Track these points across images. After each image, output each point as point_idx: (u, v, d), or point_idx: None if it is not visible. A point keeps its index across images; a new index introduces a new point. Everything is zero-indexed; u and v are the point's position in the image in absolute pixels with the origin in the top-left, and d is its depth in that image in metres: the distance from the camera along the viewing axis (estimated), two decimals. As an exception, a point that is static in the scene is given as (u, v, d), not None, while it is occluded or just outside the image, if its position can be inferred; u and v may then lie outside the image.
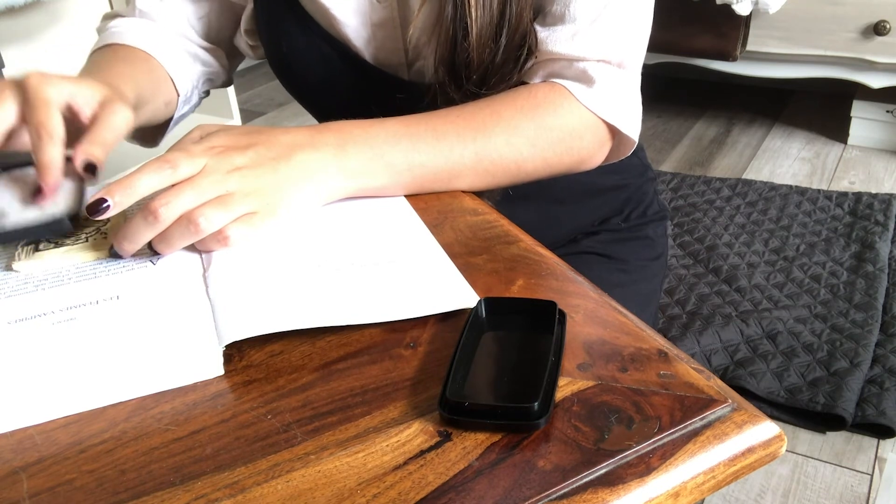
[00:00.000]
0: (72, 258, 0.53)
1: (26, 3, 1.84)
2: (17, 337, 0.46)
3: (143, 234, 0.51)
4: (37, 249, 0.54)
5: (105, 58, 0.72)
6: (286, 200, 0.54)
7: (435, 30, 0.64)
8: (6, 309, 0.48)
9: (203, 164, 0.51)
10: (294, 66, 0.74)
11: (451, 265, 0.50)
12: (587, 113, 0.63)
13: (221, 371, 0.43)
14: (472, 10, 0.60)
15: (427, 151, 0.58)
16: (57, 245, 0.54)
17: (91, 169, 0.53)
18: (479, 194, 0.62)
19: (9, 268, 0.53)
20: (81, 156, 0.53)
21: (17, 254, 0.53)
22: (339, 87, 0.74)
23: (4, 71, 1.49)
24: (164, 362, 0.43)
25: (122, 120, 0.56)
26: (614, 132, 0.66)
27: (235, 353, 0.45)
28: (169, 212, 0.50)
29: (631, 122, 0.65)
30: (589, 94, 0.63)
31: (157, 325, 0.46)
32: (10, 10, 1.87)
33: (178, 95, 0.77)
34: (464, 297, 0.47)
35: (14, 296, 0.50)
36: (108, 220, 0.57)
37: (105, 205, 0.50)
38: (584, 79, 0.63)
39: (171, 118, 0.78)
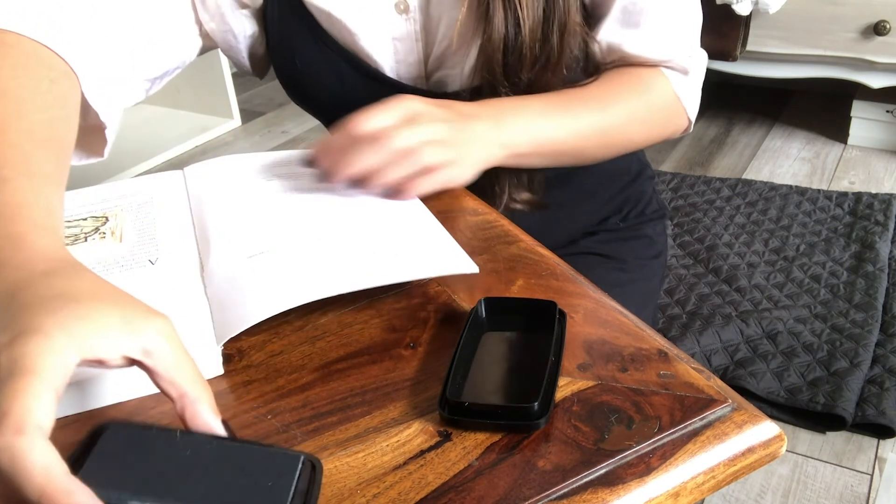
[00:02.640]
0: None
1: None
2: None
3: (367, 161, 0.55)
4: None
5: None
6: (473, 161, 0.59)
7: (476, 33, 0.65)
8: (6, 309, 0.48)
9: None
10: (308, 81, 0.73)
11: (447, 235, 0.52)
12: (677, 99, 0.72)
13: (221, 371, 0.43)
14: (523, 9, 0.62)
15: (562, 128, 0.65)
16: None
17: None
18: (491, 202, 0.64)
19: None
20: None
21: None
22: (356, 101, 0.72)
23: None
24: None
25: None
26: (685, 120, 0.75)
27: (235, 353, 0.45)
28: (396, 142, 0.54)
29: (695, 114, 0.75)
30: (683, 82, 0.72)
31: (156, 325, 0.46)
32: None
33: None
34: (461, 263, 0.49)
35: (14, 296, 0.50)
36: (108, 219, 0.57)
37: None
38: (681, 69, 0.72)
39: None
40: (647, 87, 0.70)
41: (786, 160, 2.10)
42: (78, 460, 0.33)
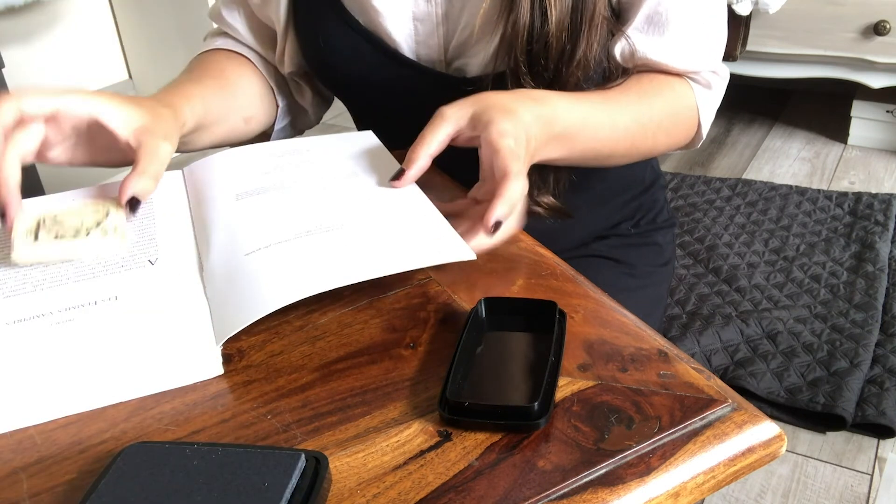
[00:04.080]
0: (71, 251, 0.53)
1: (26, 3, 1.83)
2: (16, 337, 0.46)
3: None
4: (35, 239, 0.53)
5: (191, 69, 0.77)
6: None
7: (499, 22, 0.64)
8: (5, 309, 0.48)
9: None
10: (331, 60, 0.74)
11: (443, 220, 0.52)
12: (697, 112, 0.72)
13: (220, 371, 0.43)
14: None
15: (601, 131, 0.64)
16: (57, 237, 0.54)
17: (134, 204, 0.55)
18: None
19: (6, 259, 0.52)
20: (129, 191, 0.55)
21: (16, 246, 0.53)
22: (375, 80, 0.74)
23: (4, 71, 1.49)
24: (162, 363, 0.43)
25: (165, 153, 0.57)
26: (698, 134, 0.75)
27: (235, 353, 0.45)
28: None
29: (707, 130, 0.75)
30: (704, 96, 0.72)
31: (155, 325, 0.46)
32: (10, 10, 1.87)
33: (279, 106, 0.83)
34: (457, 249, 0.48)
35: (13, 296, 0.50)
36: (109, 214, 0.57)
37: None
38: (705, 83, 0.72)
39: (269, 130, 0.84)
40: (676, 96, 0.70)
41: (786, 160, 2.10)
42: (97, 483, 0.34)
